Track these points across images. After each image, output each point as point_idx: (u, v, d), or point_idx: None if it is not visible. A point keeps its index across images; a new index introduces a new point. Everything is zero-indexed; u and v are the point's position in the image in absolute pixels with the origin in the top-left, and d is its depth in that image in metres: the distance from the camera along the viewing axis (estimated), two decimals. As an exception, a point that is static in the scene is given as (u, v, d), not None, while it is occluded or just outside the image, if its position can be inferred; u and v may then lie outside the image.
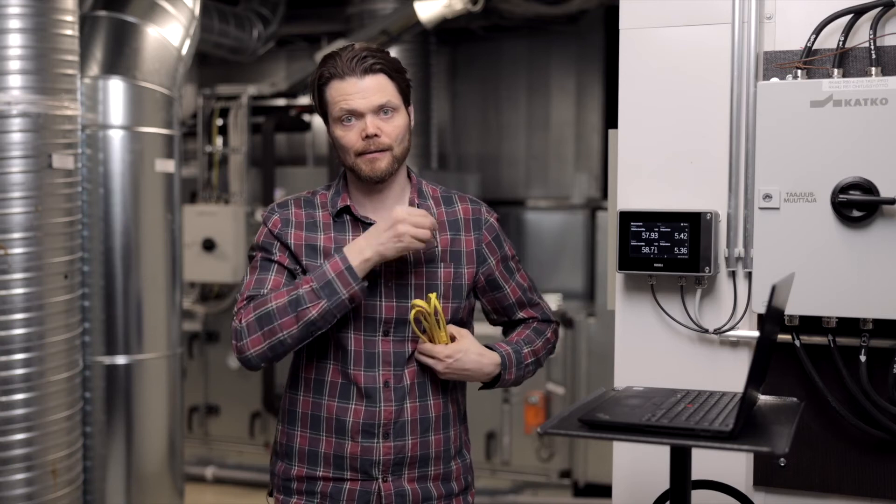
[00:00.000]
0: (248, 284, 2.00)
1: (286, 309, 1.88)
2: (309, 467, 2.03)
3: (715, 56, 2.25)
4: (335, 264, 1.89)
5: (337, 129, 1.99)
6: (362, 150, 1.96)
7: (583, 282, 6.34)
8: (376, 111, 1.96)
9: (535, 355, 2.14)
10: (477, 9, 5.32)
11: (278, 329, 1.89)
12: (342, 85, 1.96)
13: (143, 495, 3.77)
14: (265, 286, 1.97)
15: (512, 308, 2.18)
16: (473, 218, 2.11)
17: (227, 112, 6.22)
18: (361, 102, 1.95)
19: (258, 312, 1.91)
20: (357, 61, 1.95)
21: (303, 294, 1.88)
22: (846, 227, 2.05)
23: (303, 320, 1.88)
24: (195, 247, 5.85)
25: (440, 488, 2.07)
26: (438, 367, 1.99)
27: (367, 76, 1.95)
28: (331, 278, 1.88)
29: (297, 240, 2.01)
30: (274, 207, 2.08)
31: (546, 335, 2.19)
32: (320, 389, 2.02)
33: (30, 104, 3.07)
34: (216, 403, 6.19)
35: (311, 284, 1.89)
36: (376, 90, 1.96)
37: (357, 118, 1.96)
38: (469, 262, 2.08)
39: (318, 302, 1.88)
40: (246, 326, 1.91)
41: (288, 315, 1.88)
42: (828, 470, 2.20)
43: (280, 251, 2.01)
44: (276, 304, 1.89)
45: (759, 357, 1.69)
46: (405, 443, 2.01)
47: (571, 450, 5.40)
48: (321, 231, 2.03)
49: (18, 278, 3.05)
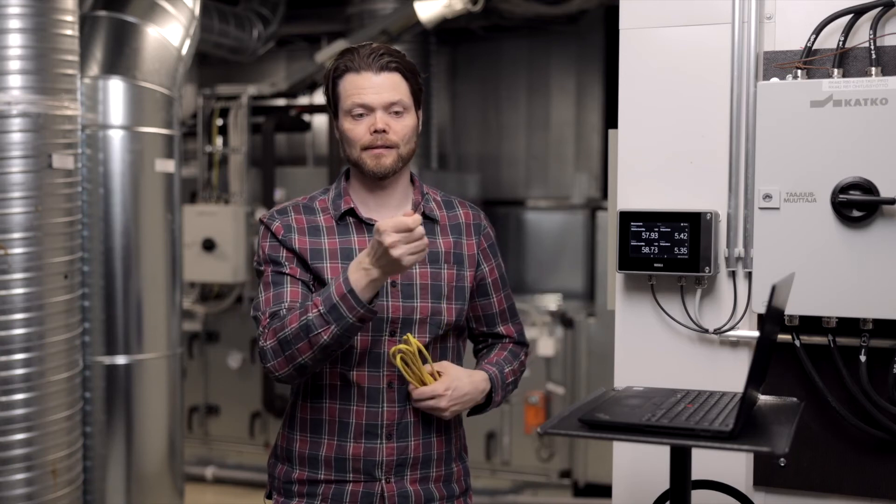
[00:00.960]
0: (266, 301, 1.96)
1: (300, 335, 1.85)
2: (310, 471, 2.03)
3: (715, 56, 2.25)
4: (339, 287, 1.83)
5: (346, 122, 1.99)
6: (369, 145, 1.96)
7: (583, 282, 6.34)
8: (387, 108, 1.97)
9: (514, 375, 2.13)
10: (477, 9, 5.32)
11: (297, 354, 1.87)
12: (357, 79, 1.97)
13: (143, 495, 3.77)
14: (284, 301, 1.94)
15: (494, 318, 2.16)
16: (474, 223, 2.13)
17: (227, 112, 6.22)
18: (374, 97, 1.95)
19: (278, 337, 1.88)
20: (374, 57, 1.96)
21: (312, 319, 1.84)
22: (846, 227, 2.05)
23: (317, 345, 1.85)
24: (195, 247, 5.84)
25: (442, 490, 2.07)
26: (441, 403, 1.95)
27: (382, 73, 1.96)
28: (336, 302, 1.82)
29: (302, 244, 2.00)
30: (274, 214, 2.05)
31: (521, 358, 2.18)
32: (319, 393, 2.02)
33: (30, 104, 3.07)
34: (216, 403, 6.19)
35: (319, 309, 1.83)
36: (390, 87, 1.97)
37: (367, 113, 1.97)
38: (470, 265, 2.09)
39: (327, 327, 1.83)
40: (271, 350, 1.90)
41: (302, 341, 1.85)
42: (828, 470, 2.20)
43: (288, 260, 1.98)
44: (290, 330, 1.86)
45: (759, 357, 1.69)
46: (408, 444, 2.01)
47: (571, 450, 5.40)
48: (325, 236, 2.02)
49: (18, 278, 3.05)
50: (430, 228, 2.05)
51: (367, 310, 1.83)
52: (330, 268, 1.98)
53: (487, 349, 2.19)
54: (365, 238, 2.01)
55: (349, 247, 2.00)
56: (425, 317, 2.01)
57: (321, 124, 6.67)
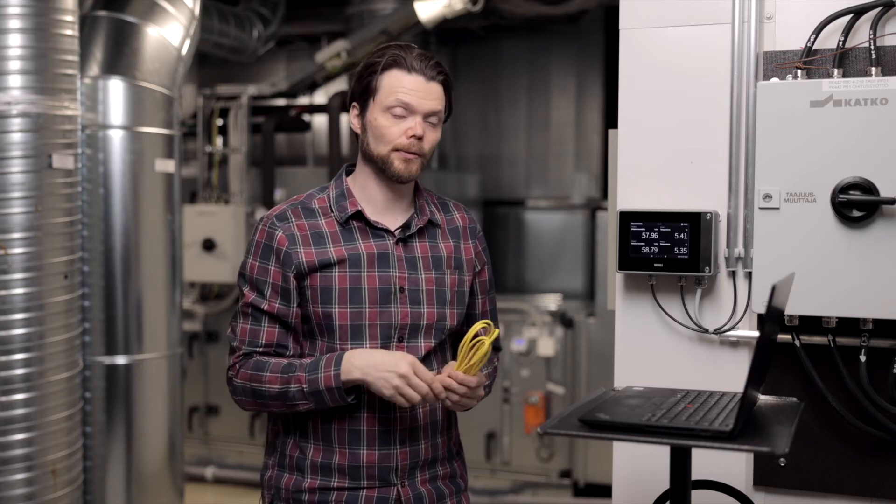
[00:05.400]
0: (242, 332, 1.98)
1: (277, 397, 1.93)
2: (322, 478, 1.99)
3: (715, 56, 2.25)
4: (328, 378, 1.88)
5: (381, 118, 1.96)
6: (404, 148, 1.95)
7: (583, 282, 6.34)
8: (427, 116, 1.96)
9: (489, 379, 2.08)
10: (477, 9, 5.32)
11: (270, 407, 1.97)
12: (407, 77, 1.95)
13: (143, 495, 3.77)
14: (259, 341, 1.97)
15: (476, 318, 2.12)
16: (470, 227, 2.13)
17: (227, 112, 6.23)
18: (421, 102, 1.95)
19: (253, 386, 1.95)
20: (429, 65, 1.97)
21: (294, 392, 1.91)
22: (846, 227, 2.05)
23: (292, 410, 1.95)
24: (195, 247, 5.84)
25: (449, 486, 2.09)
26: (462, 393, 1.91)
27: (432, 82, 1.97)
28: (321, 390, 1.89)
29: (309, 257, 1.96)
30: (274, 221, 1.99)
31: (494, 363, 2.15)
32: (350, 404, 1.97)
33: (30, 104, 3.06)
34: (216, 403, 6.18)
35: (302, 386, 1.90)
36: (435, 97, 1.97)
37: (408, 115, 1.95)
38: (469, 269, 2.09)
39: (306, 402, 1.92)
40: (241, 389, 1.97)
41: (278, 402, 1.94)
42: (828, 470, 2.20)
43: (272, 290, 1.96)
44: (268, 391, 1.93)
45: (759, 357, 1.69)
46: (419, 447, 2.01)
47: (571, 450, 5.40)
48: (329, 243, 1.98)
49: (18, 278, 3.04)
50: (432, 233, 2.06)
51: (346, 401, 1.91)
52: (338, 278, 1.95)
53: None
54: (372, 243, 1.99)
55: (356, 253, 1.97)
56: (432, 322, 2.00)
57: (321, 124, 6.67)
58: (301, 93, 6.50)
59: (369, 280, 1.96)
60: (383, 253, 1.98)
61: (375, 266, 1.97)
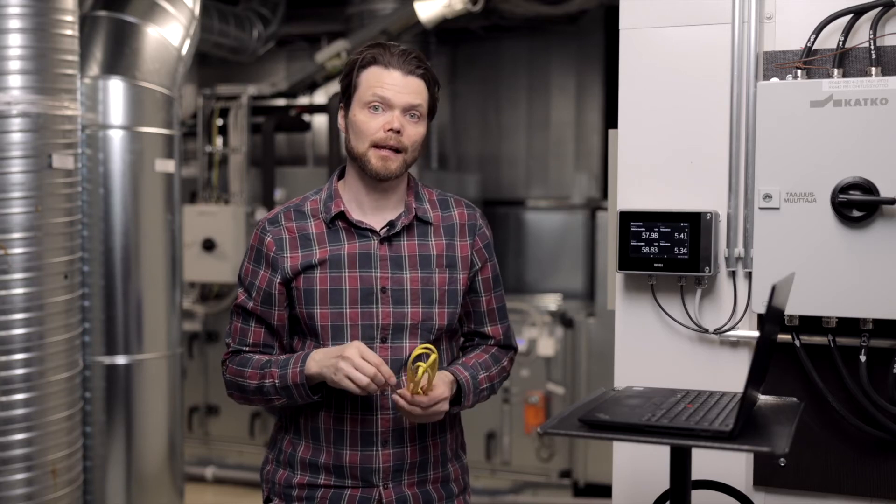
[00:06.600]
0: (234, 330, 2.08)
1: (256, 392, 2.01)
2: (311, 475, 2.03)
3: (715, 56, 2.25)
4: (294, 374, 1.94)
5: (360, 114, 1.96)
6: (380, 143, 1.94)
7: (583, 282, 6.34)
8: (406, 110, 1.96)
9: (489, 381, 2.07)
10: (477, 9, 5.32)
11: (254, 402, 2.08)
12: (384, 73, 1.95)
13: (143, 495, 3.78)
14: (247, 340, 2.06)
15: (482, 316, 2.13)
16: (469, 223, 2.10)
17: (227, 112, 6.22)
18: (397, 96, 1.94)
19: (238, 381, 2.04)
20: (406, 58, 1.96)
21: (268, 387, 1.98)
22: (846, 227, 2.05)
23: (270, 405, 2.05)
24: (195, 247, 5.85)
25: (440, 491, 2.07)
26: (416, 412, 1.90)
27: (410, 76, 1.96)
28: (290, 385, 1.95)
29: (294, 261, 1.99)
30: (265, 226, 2.04)
31: (503, 363, 2.13)
32: (317, 402, 2.00)
33: (30, 104, 3.06)
34: (216, 403, 6.19)
35: (274, 381, 1.97)
36: (414, 91, 1.96)
37: (385, 109, 1.95)
38: (463, 267, 2.06)
39: (279, 397, 1.99)
40: (230, 382, 2.07)
41: (258, 397, 2.03)
42: (828, 470, 2.20)
43: (258, 295, 2.02)
44: (249, 385, 2.02)
45: (759, 357, 1.69)
46: (404, 450, 2.01)
47: (571, 450, 5.40)
48: (315, 245, 2.00)
49: (18, 278, 3.05)
50: (422, 231, 2.04)
51: (312, 398, 1.97)
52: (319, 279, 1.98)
53: (472, 348, 2.15)
54: (356, 243, 1.99)
55: (338, 254, 1.99)
56: (416, 322, 1.99)
57: (321, 124, 6.67)
58: (301, 93, 6.50)
59: (350, 280, 1.97)
60: (365, 253, 1.99)
61: (357, 266, 1.98)
